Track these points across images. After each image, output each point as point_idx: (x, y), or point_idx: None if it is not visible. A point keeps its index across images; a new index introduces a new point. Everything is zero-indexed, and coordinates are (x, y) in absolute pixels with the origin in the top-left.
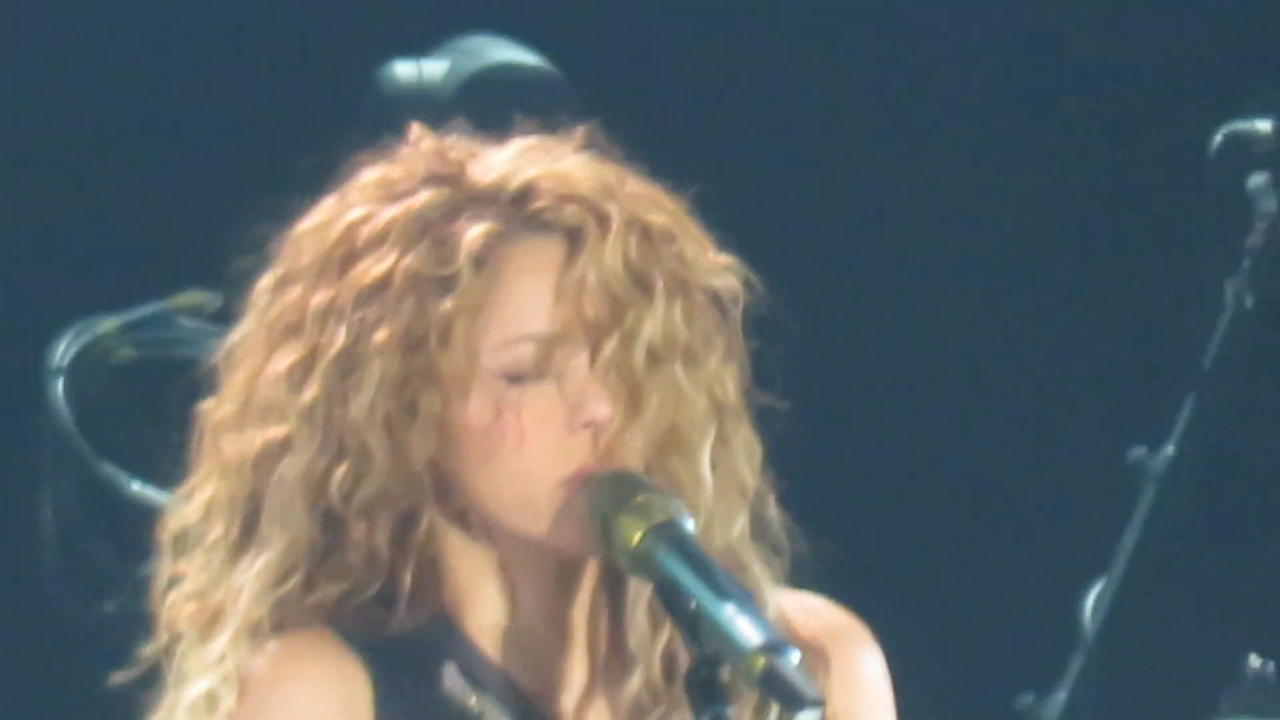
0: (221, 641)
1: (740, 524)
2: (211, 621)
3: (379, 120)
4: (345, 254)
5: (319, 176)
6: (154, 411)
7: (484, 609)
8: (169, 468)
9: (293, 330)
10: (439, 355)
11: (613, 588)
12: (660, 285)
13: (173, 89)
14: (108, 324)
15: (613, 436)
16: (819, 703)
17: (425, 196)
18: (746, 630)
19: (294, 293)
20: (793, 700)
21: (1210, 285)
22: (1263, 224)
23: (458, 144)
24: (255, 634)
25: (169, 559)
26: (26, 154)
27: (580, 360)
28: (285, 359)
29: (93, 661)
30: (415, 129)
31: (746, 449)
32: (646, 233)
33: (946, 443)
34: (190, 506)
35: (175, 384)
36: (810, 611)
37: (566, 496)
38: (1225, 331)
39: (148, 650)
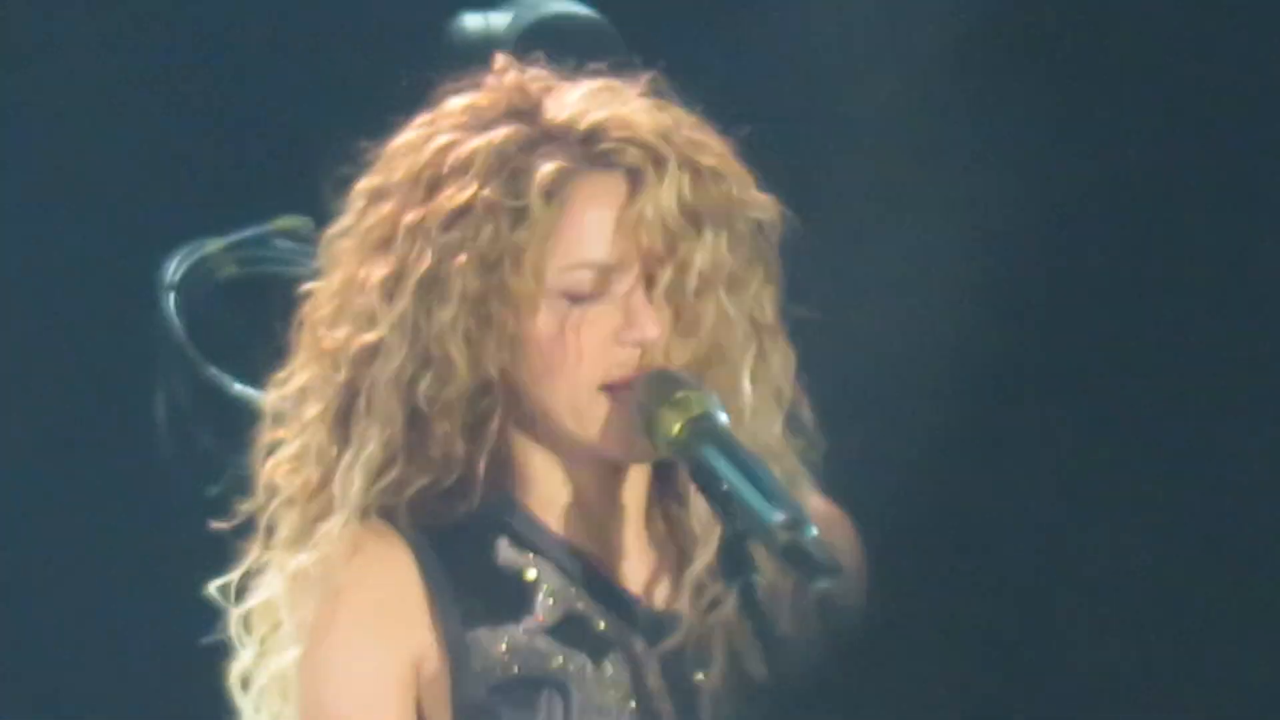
0: (333, 523)
1: (777, 427)
2: (317, 501)
3: (452, 64)
4: (433, 177)
5: (406, 105)
6: (253, 322)
7: (547, 492)
8: (266, 370)
9: (385, 244)
10: (511, 277)
11: (672, 477)
12: (709, 220)
13: (280, 20)
14: (214, 245)
15: (659, 353)
16: (836, 571)
17: (505, 131)
18: (771, 508)
19: (386, 207)
20: (812, 569)
21: None
22: None
23: (537, 76)
24: (362, 518)
25: (269, 427)
26: (138, 91)
27: (634, 286)
28: (378, 270)
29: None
30: (500, 58)
31: (783, 361)
32: (698, 173)
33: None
34: (288, 387)
35: (272, 298)
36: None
37: (603, 402)
38: None
39: (245, 506)
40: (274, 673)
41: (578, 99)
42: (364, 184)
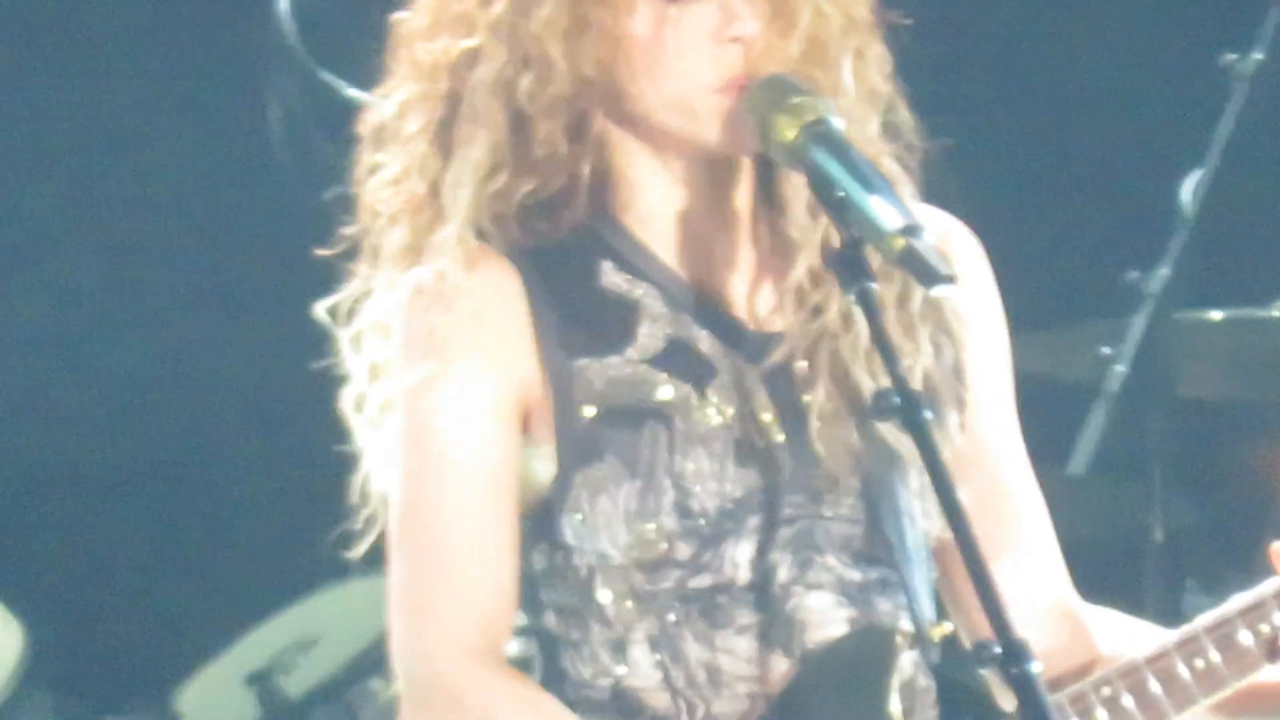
0: (448, 232)
1: (874, 125)
2: (424, 214)
3: None
4: None
5: None
6: (367, 26)
7: (649, 205)
8: (378, 75)
9: None
10: None
11: (770, 185)
12: None
13: None
14: None
15: (760, 49)
16: (952, 278)
17: None
18: (888, 214)
19: None
20: (929, 275)
21: None
22: None
23: None
24: (475, 223)
25: (369, 151)
26: None
27: None
28: None
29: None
30: None
31: (878, 61)
32: None
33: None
34: (388, 104)
35: (386, 3)
36: (936, 222)
37: (721, 101)
38: None
39: (349, 230)
40: (388, 392)
41: None
42: None
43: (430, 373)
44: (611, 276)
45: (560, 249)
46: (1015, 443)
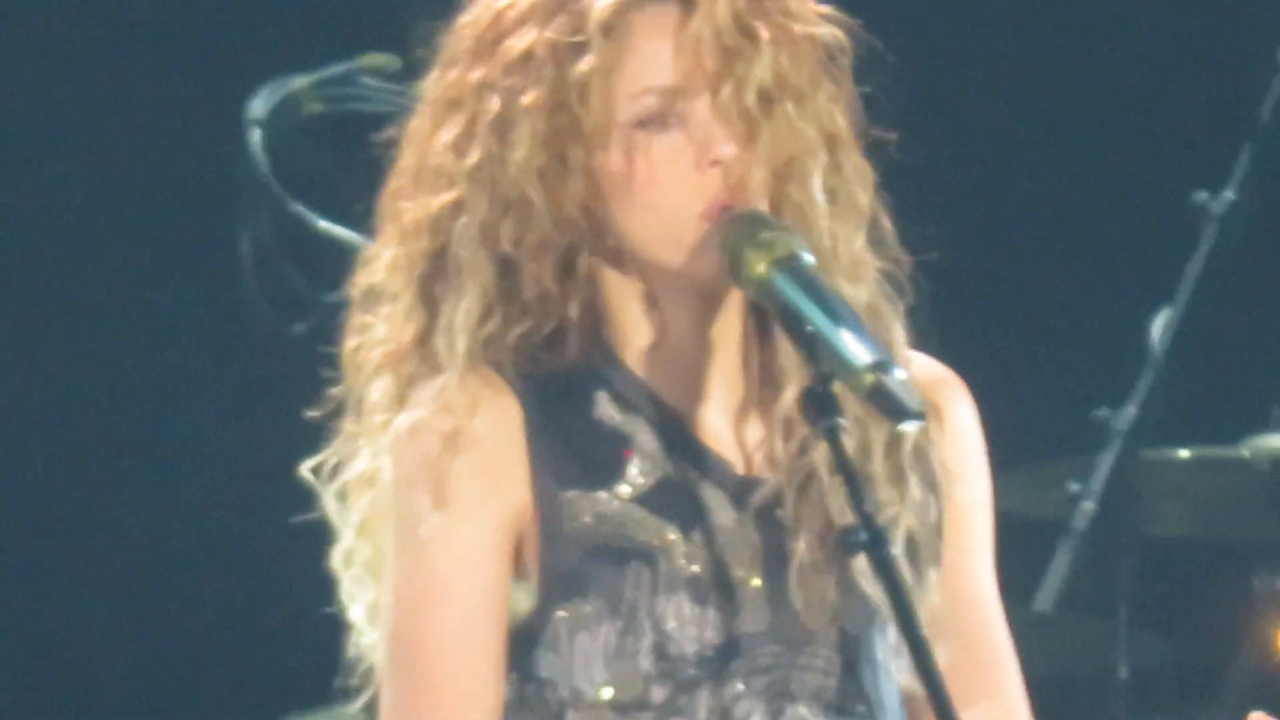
0: (447, 378)
1: (859, 241)
2: (410, 363)
3: None
4: (494, 35)
5: None
6: (338, 158)
7: (642, 339)
8: (350, 207)
9: (454, 105)
10: (580, 112)
11: (763, 315)
12: (766, 35)
13: None
14: (300, 81)
15: (738, 171)
16: (921, 415)
17: None
18: (857, 349)
19: (454, 73)
20: (899, 411)
21: (1265, 49)
22: None
23: None
24: (470, 367)
25: (357, 313)
26: None
27: (702, 107)
28: (450, 131)
29: (289, 378)
30: None
31: (858, 174)
32: None
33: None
34: (375, 266)
35: (357, 135)
36: (921, 368)
37: (703, 229)
38: (1278, 90)
39: (336, 390)
40: (378, 546)
41: None
42: (433, 71)
43: (429, 505)
44: (607, 409)
45: (560, 379)
46: (993, 602)
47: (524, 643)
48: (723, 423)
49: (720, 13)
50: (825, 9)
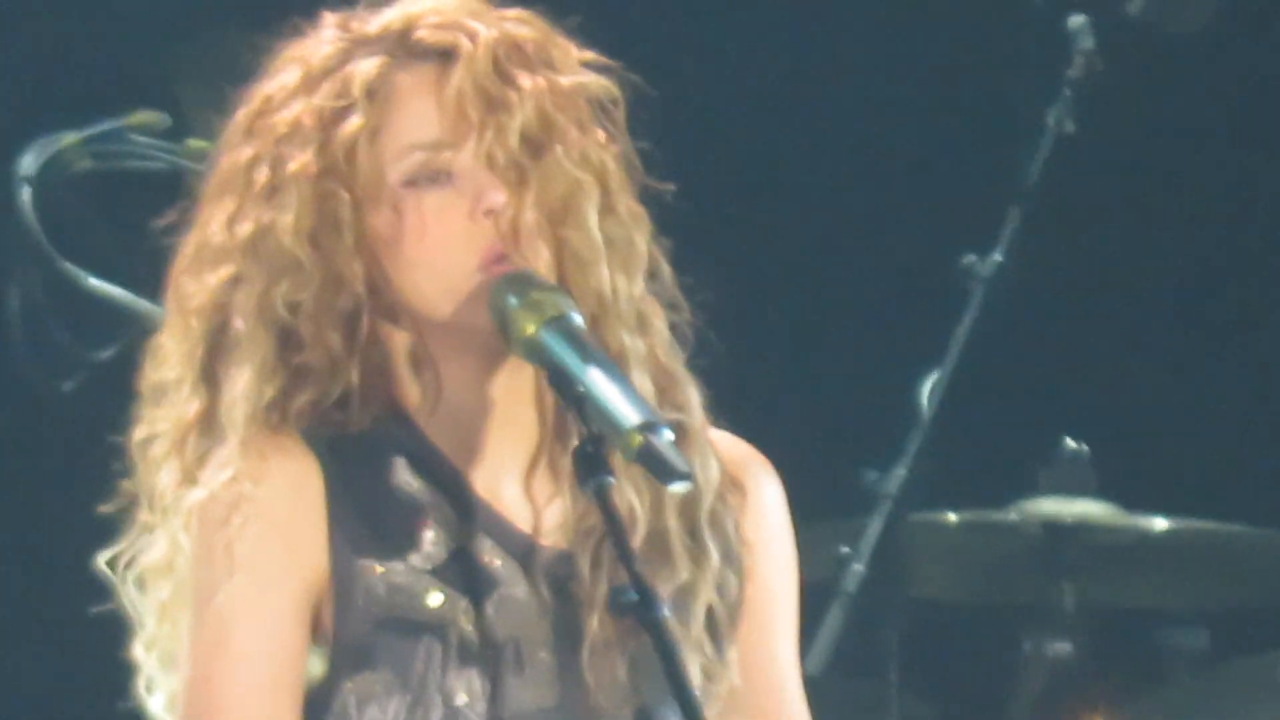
0: (229, 447)
1: (639, 284)
2: (197, 441)
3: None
4: (265, 112)
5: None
6: (108, 216)
7: (430, 401)
8: (119, 265)
9: (227, 184)
10: (348, 174)
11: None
12: (528, 83)
13: None
14: (69, 138)
15: (509, 216)
16: (688, 476)
17: (325, 50)
18: (626, 410)
19: (228, 156)
20: (666, 472)
21: (1033, 112)
22: (1080, 58)
23: (363, 13)
24: (252, 440)
25: (146, 406)
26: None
27: (469, 158)
28: (224, 209)
29: (61, 435)
30: (325, 15)
31: (633, 217)
32: (514, 44)
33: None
34: (160, 356)
35: (127, 192)
36: (726, 445)
37: (479, 281)
38: (1047, 153)
39: (127, 484)
40: (178, 633)
41: (395, 8)
42: (210, 167)
43: (224, 573)
44: (404, 476)
45: (358, 443)
46: (795, 684)
47: (313, 712)
48: (517, 489)
49: (480, 65)
50: (590, 56)
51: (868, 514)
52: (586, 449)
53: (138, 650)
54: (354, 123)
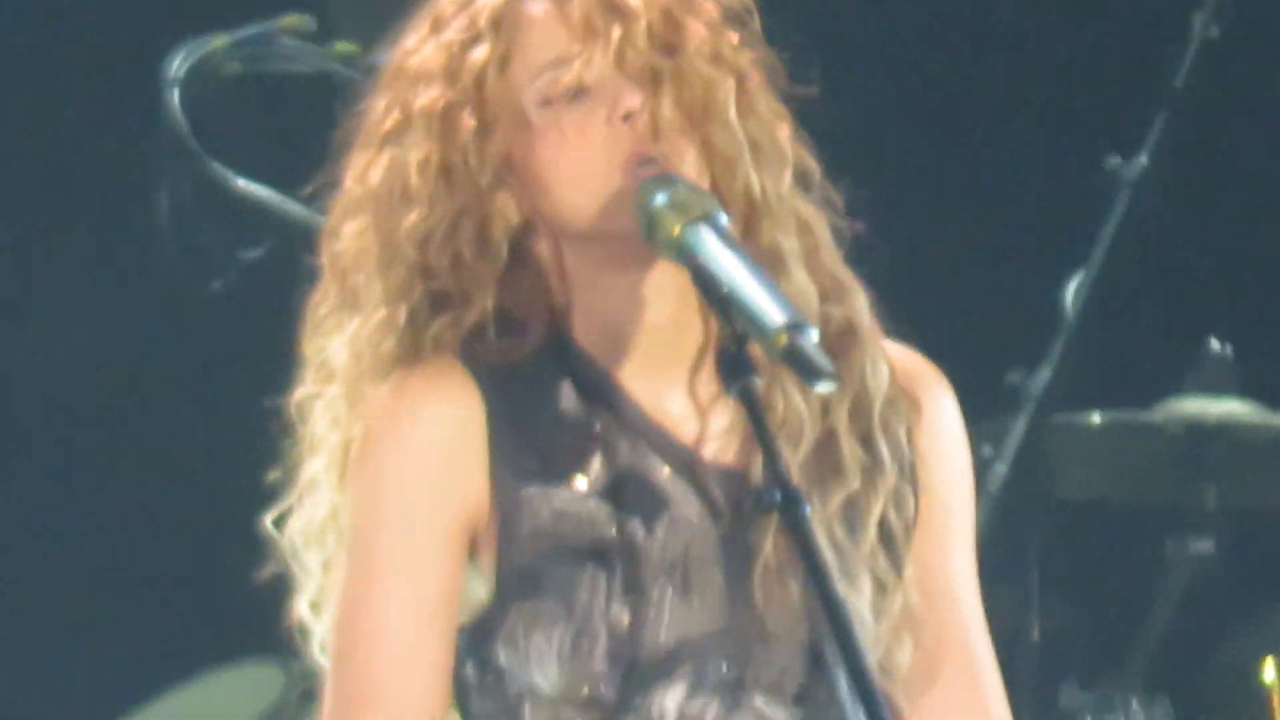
0: (381, 386)
1: (786, 182)
2: (351, 383)
3: None
4: (397, 64)
5: None
6: (256, 118)
7: (601, 326)
8: (267, 167)
9: (363, 139)
10: (480, 105)
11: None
12: None
13: None
14: (218, 41)
15: (649, 119)
16: (834, 377)
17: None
18: (772, 310)
19: (366, 114)
20: (812, 373)
21: (1179, 17)
22: None
23: None
24: (407, 374)
25: (307, 369)
26: None
27: (602, 69)
28: (359, 161)
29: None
30: None
31: (775, 116)
32: None
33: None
34: (316, 316)
35: (275, 95)
36: (900, 358)
37: (626, 186)
38: (1192, 58)
39: (288, 444)
40: (329, 510)
41: None
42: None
43: (382, 501)
44: (571, 399)
45: (524, 367)
46: (972, 602)
47: (483, 633)
48: (682, 400)
49: None
50: None
51: (1012, 415)
52: (730, 349)
53: (303, 609)
54: (482, 52)
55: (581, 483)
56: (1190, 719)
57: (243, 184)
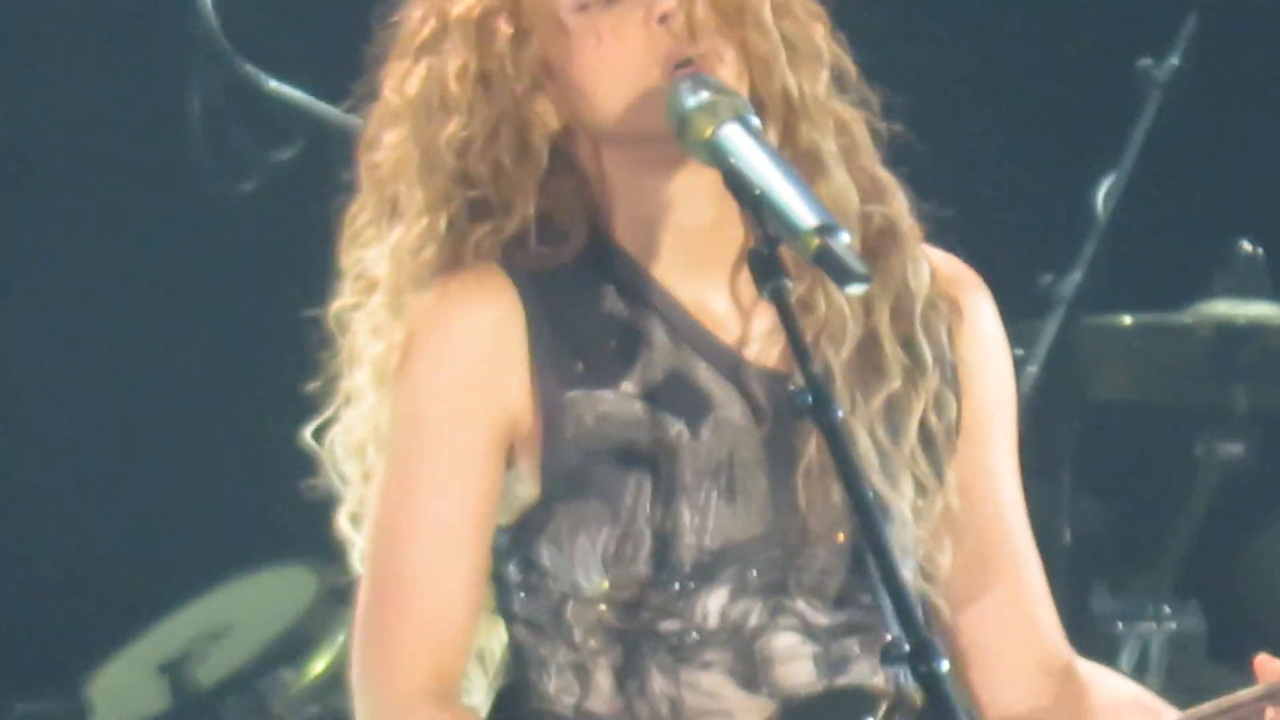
0: (420, 295)
1: (823, 79)
2: (390, 295)
3: None
4: None
5: None
6: (290, 19)
7: (644, 229)
8: (300, 67)
9: (399, 50)
10: (516, 11)
11: None
12: None
13: None
14: None
15: (685, 19)
16: (866, 277)
17: None
18: (803, 212)
19: (402, 22)
20: (844, 274)
21: None
22: None
23: None
24: (445, 282)
25: (346, 280)
26: None
27: None
28: (397, 72)
29: (235, 237)
30: None
31: (810, 15)
32: None
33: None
34: (355, 227)
35: None
36: (940, 263)
37: (662, 87)
38: None
39: (327, 356)
40: (368, 416)
41: None
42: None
43: (422, 406)
44: (614, 303)
45: (566, 273)
46: (1015, 505)
47: (527, 532)
48: (725, 300)
49: None
50: None
51: (1043, 316)
52: (761, 251)
53: (343, 522)
54: None
55: (626, 385)
56: (1220, 623)
57: (274, 84)
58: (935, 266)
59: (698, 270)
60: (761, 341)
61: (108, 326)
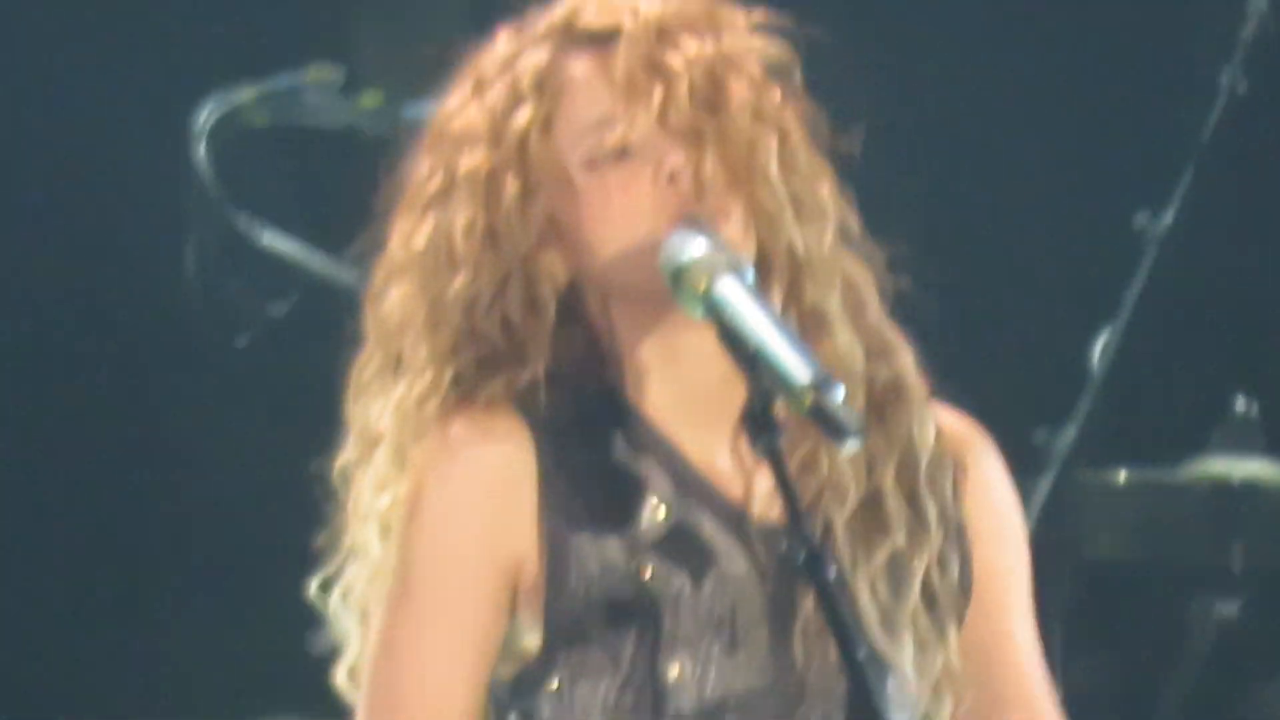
0: (426, 440)
1: (829, 237)
2: (392, 448)
3: None
4: (439, 127)
5: None
6: (283, 172)
7: (651, 381)
8: (296, 220)
9: (406, 203)
10: (524, 168)
11: None
12: (695, 48)
13: None
14: (245, 94)
15: (693, 178)
16: (860, 433)
17: (494, 55)
18: (798, 368)
19: (409, 179)
20: (837, 431)
21: (1207, 72)
22: (1253, 18)
23: (533, 17)
24: (455, 427)
25: (351, 434)
26: None
27: (646, 129)
28: (403, 226)
29: (235, 392)
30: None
31: (815, 170)
32: (678, 14)
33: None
34: (361, 382)
35: (303, 149)
36: (948, 422)
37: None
38: (1220, 114)
39: (331, 511)
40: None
41: (562, 3)
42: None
43: (425, 538)
44: (621, 451)
45: (575, 421)
46: (1034, 664)
47: (527, 684)
48: (736, 466)
49: (645, 37)
50: (763, 19)
51: (1037, 473)
52: (755, 408)
53: (342, 676)
54: (525, 115)
55: (633, 536)
56: None
57: (269, 237)
58: (943, 424)
59: (705, 425)
60: (765, 497)
61: (108, 476)
